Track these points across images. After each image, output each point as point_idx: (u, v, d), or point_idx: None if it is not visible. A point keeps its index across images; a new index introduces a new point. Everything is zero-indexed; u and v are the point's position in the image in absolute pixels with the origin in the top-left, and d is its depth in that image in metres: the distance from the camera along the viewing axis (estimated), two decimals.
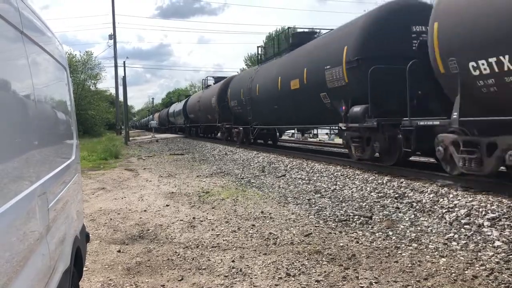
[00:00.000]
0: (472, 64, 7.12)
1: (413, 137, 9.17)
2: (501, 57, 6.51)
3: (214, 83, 30.97)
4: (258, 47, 22.12)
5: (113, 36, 39.04)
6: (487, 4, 6.83)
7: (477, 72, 7.08)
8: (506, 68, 6.48)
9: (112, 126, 59.74)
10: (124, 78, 39.69)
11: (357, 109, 10.78)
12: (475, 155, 7.45)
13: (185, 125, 39.81)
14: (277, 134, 22.06)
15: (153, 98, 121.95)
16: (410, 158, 10.82)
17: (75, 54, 52.48)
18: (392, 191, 8.20)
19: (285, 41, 17.48)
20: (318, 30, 17.34)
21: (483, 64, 6.92)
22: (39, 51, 2.81)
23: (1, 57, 1.91)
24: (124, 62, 41.29)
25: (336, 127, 12.54)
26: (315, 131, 24.33)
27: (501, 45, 6.50)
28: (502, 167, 7.48)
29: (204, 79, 36.43)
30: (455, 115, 7.78)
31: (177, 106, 45.98)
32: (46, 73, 3.09)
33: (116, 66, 39.40)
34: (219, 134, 28.09)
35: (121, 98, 44.16)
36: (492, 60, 6.68)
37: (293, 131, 28.23)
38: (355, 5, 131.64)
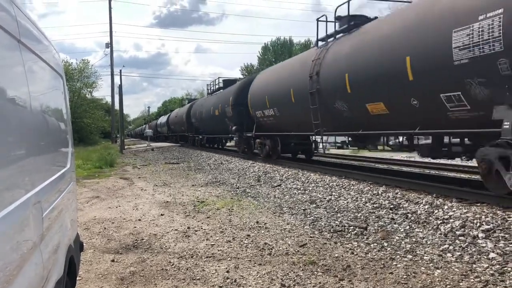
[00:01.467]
0: (257, 112, 17.93)
1: (249, 142, 20.42)
2: (260, 111, 17.28)
3: (187, 103, 42.59)
4: (207, 84, 33.17)
5: (109, 45, 39.16)
6: (257, 92, 17.88)
7: (258, 115, 17.85)
8: (263, 115, 17.26)
9: (107, 135, 59.56)
10: (120, 86, 39.71)
11: (233, 128, 21.08)
12: (262, 147, 18.34)
13: (168, 134, 50.67)
14: (223, 141, 31.04)
15: (149, 107, 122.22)
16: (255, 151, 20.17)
17: (72, 62, 52.41)
18: (387, 202, 8.20)
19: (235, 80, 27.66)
20: (239, 78, 28.12)
21: (259, 113, 17.60)
22: (36, 59, 2.82)
23: None
24: (120, 70, 41.35)
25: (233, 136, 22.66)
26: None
27: (260, 107, 17.35)
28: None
29: (182, 99, 47.78)
30: (253, 131, 18.75)
31: (163, 119, 56.63)
32: (43, 81, 3.09)
33: (112, 75, 39.49)
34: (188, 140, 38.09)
35: (117, 106, 44.19)
36: (260, 111, 17.39)
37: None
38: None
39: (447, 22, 7.32)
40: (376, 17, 11.25)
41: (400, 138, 10.87)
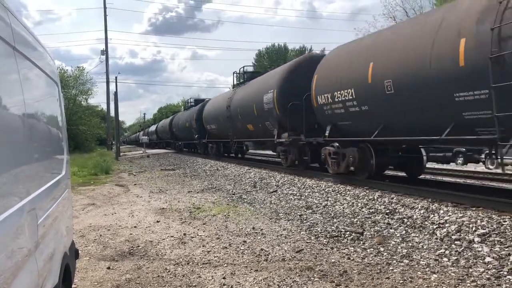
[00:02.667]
0: (207, 125, 27.12)
1: (206, 146, 29.02)
2: (209, 125, 26.64)
3: (171, 115, 51.18)
4: (185, 101, 43.15)
5: (105, 52, 39.16)
6: (206, 111, 27.55)
7: (208, 128, 26.90)
8: (210, 128, 26.53)
9: (103, 142, 59.41)
10: (115, 93, 39.71)
11: (196, 136, 29.78)
12: (212, 149, 27.97)
13: (157, 140, 58.15)
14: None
15: (144, 114, 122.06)
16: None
17: (67, 69, 52.29)
18: (383, 207, 8.21)
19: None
20: (206, 99, 34.43)
21: (209, 126, 26.71)
22: (31, 67, 2.82)
23: None
24: (116, 77, 41.36)
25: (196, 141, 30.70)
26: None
27: (208, 122, 26.68)
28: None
29: (169, 113, 57.20)
30: (206, 138, 28.32)
31: (153, 127, 66.18)
32: (38, 88, 3.09)
33: (108, 82, 39.44)
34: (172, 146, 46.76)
35: (112, 113, 44.12)
36: (209, 125, 26.70)
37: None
38: (346, 24, 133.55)
39: (261, 91, 16.72)
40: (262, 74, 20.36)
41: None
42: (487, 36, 6.78)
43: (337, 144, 11.90)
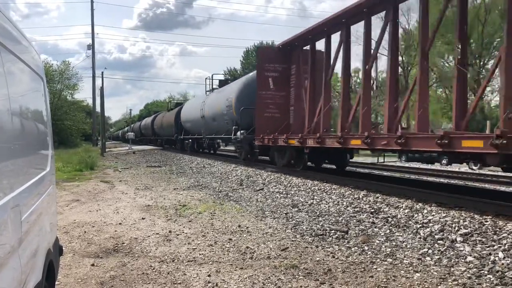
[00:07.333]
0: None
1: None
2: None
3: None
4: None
5: (91, 46, 38.77)
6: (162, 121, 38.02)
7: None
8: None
9: (88, 137, 58.79)
10: (101, 88, 39.32)
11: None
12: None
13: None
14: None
15: (130, 110, 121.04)
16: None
17: (52, 64, 51.62)
18: (368, 206, 8.28)
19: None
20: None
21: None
22: (15, 61, 2.78)
23: None
24: (102, 72, 40.92)
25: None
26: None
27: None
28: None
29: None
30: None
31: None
32: (22, 83, 3.05)
33: (94, 77, 39.06)
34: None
35: (98, 109, 43.70)
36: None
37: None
38: None
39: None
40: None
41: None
42: None
43: None
